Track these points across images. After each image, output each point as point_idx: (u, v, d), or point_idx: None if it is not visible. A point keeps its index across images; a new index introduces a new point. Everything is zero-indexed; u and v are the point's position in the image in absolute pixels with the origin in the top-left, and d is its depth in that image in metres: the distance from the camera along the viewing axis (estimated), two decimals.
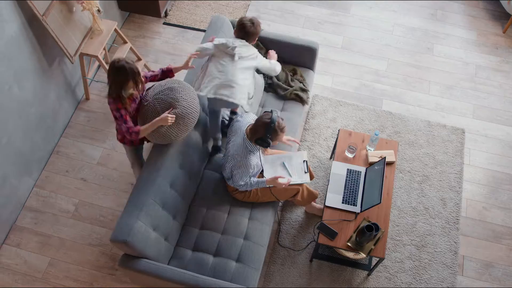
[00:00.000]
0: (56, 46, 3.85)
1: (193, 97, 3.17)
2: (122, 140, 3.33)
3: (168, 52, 4.77)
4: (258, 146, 3.18)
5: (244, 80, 3.35)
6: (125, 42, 4.24)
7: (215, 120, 3.56)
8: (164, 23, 4.97)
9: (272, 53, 3.64)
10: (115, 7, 4.68)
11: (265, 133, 3.03)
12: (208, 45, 3.39)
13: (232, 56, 3.34)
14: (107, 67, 3.99)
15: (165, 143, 3.21)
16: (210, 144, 3.73)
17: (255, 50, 3.42)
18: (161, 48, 4.79)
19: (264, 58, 3.62)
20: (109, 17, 4.56)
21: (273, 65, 3.51)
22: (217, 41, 3.38)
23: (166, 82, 3.18)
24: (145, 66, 4.47)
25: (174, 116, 3.04)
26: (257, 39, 3.63)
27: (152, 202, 3.06)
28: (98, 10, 3.87)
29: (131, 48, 4.27)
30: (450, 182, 4.06)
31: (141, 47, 4.79)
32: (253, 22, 3.38)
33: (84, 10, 3.70)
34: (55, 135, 4.12)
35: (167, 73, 3.32)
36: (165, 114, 3.03)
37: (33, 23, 3.50)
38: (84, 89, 4.36)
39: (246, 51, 3.36)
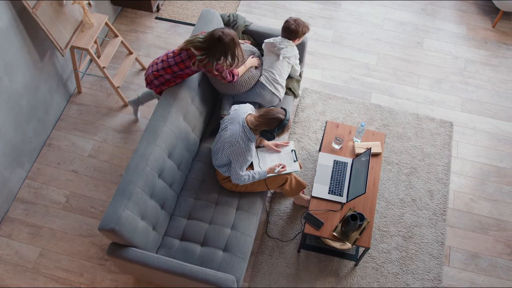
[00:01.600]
0: (47, 39, 3.88)
1: None
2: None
3: (160, 46, 4.80)
4: (255, 137, 3.24)
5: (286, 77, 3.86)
6: (116, 36, 4.27)
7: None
8: (156, 18, 5.01)
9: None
10: (108, 1, 4.72)
11: (276, 127, 3.12)
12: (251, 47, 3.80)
13: (277, 55, 3.75)
14: (98, 60, 4.02)
15: (234, 93, 3.75)
16: (200, 135, 3.76)
17: (297, 52, 3.80)
18: (153, 42, 4.83)
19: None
20: (102, 11, 4.60)
21: (298, 69, 3.95)
22: (266, 40, 3.80)
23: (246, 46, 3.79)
24: (137, 60, 4.51)
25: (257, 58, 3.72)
26: (301, 39, 3.87)
27: (140, 191, 3.09)
28: (89, 4, 3.91)
29: (122, 42, 4.30)
30: (437, 174, 4.10)
31: (133, 42, 4.83)
32: (297, 23, 3.72)
33: (74, 3, 3.74)
34: (46, 128, 4.15)
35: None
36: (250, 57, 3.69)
37: (23, 16, 3.53)
38: (76, 83, 4.39)
39: (291, 51, 3.74)
